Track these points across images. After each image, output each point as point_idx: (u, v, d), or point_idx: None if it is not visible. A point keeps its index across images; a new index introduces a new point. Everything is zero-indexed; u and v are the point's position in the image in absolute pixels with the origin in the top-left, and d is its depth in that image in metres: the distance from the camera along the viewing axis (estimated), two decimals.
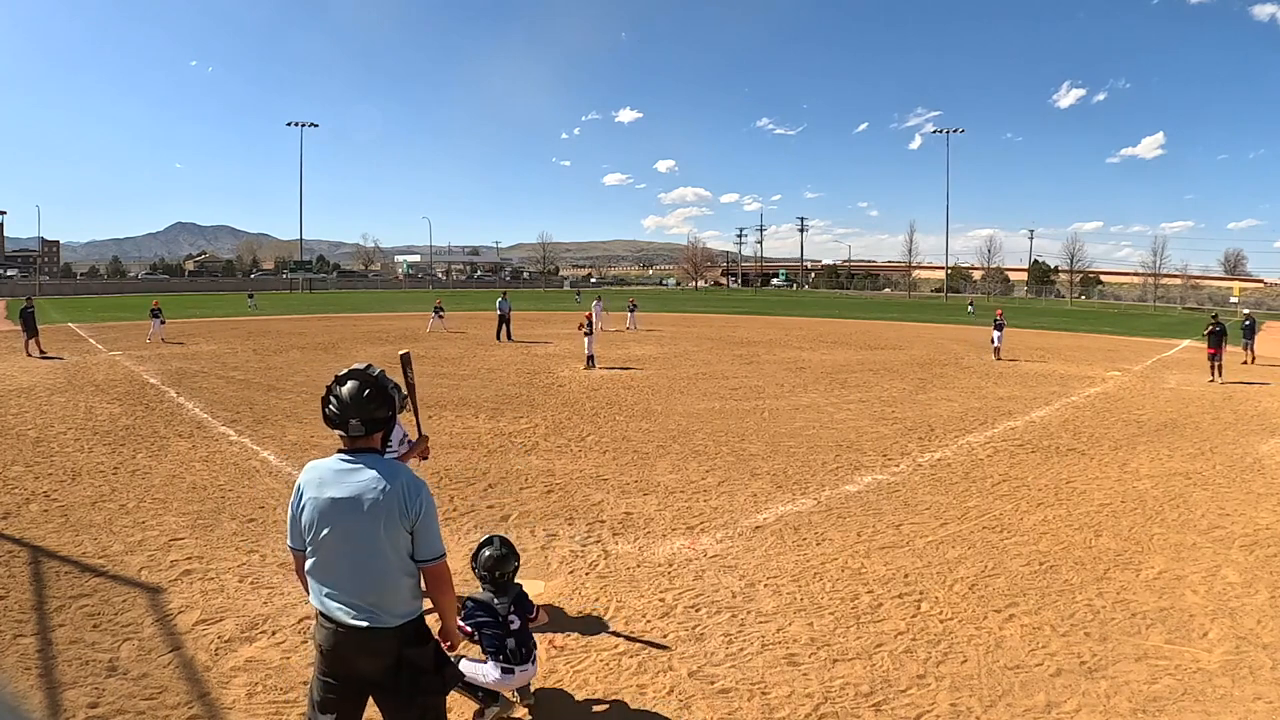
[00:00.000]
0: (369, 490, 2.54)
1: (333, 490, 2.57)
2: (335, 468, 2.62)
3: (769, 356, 21.77)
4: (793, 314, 46.61)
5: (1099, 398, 15.21)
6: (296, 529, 2.66)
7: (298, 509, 2.64)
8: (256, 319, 35.26)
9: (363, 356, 19.98)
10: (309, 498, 2.61)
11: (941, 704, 4.11)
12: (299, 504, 2.65)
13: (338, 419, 2.64)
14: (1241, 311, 31.41)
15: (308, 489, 2.63)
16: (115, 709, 3.93)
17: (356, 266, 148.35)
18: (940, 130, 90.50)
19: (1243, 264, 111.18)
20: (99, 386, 14.49)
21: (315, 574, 2.62)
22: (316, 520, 2.58)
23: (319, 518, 2.57)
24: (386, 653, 2.60)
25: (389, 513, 2.53)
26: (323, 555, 2.59)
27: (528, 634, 4.06)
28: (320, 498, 2.58)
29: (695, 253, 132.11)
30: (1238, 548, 6.61)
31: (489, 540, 4.19)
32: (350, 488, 2.56)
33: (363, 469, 2.59)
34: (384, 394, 2.68)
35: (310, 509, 2.60)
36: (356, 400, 2.62)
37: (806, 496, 7.99)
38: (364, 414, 2.62)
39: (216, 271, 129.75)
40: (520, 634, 4.01)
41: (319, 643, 2.65)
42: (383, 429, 2.70)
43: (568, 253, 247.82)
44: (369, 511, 2.53)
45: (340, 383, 2.68)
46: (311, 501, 2.60)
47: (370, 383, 2.66)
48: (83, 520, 6.82)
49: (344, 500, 2.55)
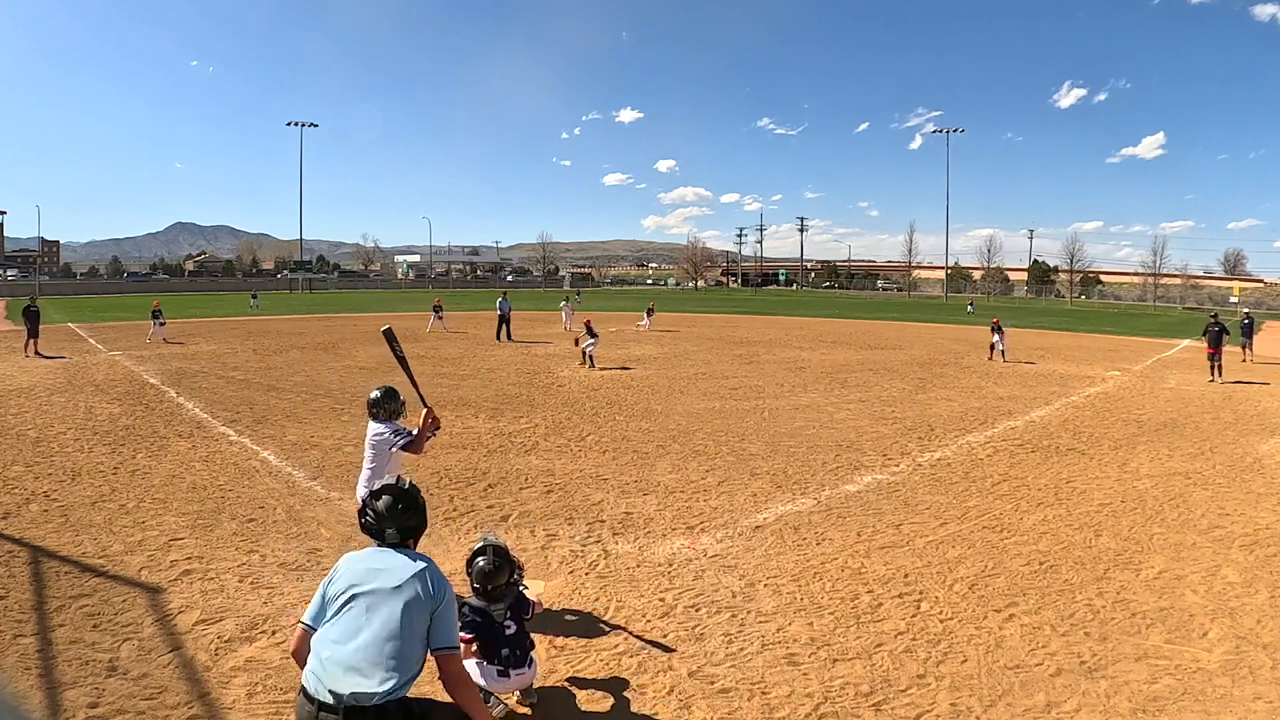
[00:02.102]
0: (402, 568, 2.80)
1: (370, 563, 2.85)
2: (374, 551, 2.93)
3: (769, 356, 21.77)
4: (793, 314, 46.61)
5: (1099, 397, 15.21)
6: (320, 603, 2.80)
7: (330, 581, 2.82)
8: (256, 319, 35.26)
9: (362, 356, 19.98)
10: (345, 569, 2.84)
11: (941, 704, 4.11)
12: (333, 577, 2.83)
13: (375, 529, 2.96)
14: (1241, 311, 31.41)
15: (345, 563, 2.88)
16: (115, 709, 3.93)
17: (356, 266, 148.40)
18: (940, 130, 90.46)
19: (1243, 264, 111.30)
20: (99, 386, 14.49)
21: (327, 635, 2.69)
22: (348, 583, 2.77)
23: (351, 580, 2.77)
24: None
25: (415, 593, 2.73)
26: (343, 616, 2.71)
27: (523, 637, 4.05)
28: (356, 567, 2.83)
29: (695, 253, 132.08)
30: (1238, 548, 6.62)
31: (482, 550, 4.07)
32: (385, 563, 2.84)
33: (398, 554, 2.89)
34: (415, 504, 3.00)
35: (344, 578, 2.80)
36: (391, 512, 2.94)
37: (806, 496, 7.99)
38: (398, 524, 2.94)
39: (216, 271, 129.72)
40: (515, 638, 3.99)
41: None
42: (416, 536, 3.01)
43: (568, 253, 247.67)
44: (398, 587, 2.73)
45: (375, 497, 3.00)
46: (347, 572, 2.82)
47: (402, 495, 2.98)
48: (83, 520, 6.82)
49: (379, 570, 2.80)
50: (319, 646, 2.67)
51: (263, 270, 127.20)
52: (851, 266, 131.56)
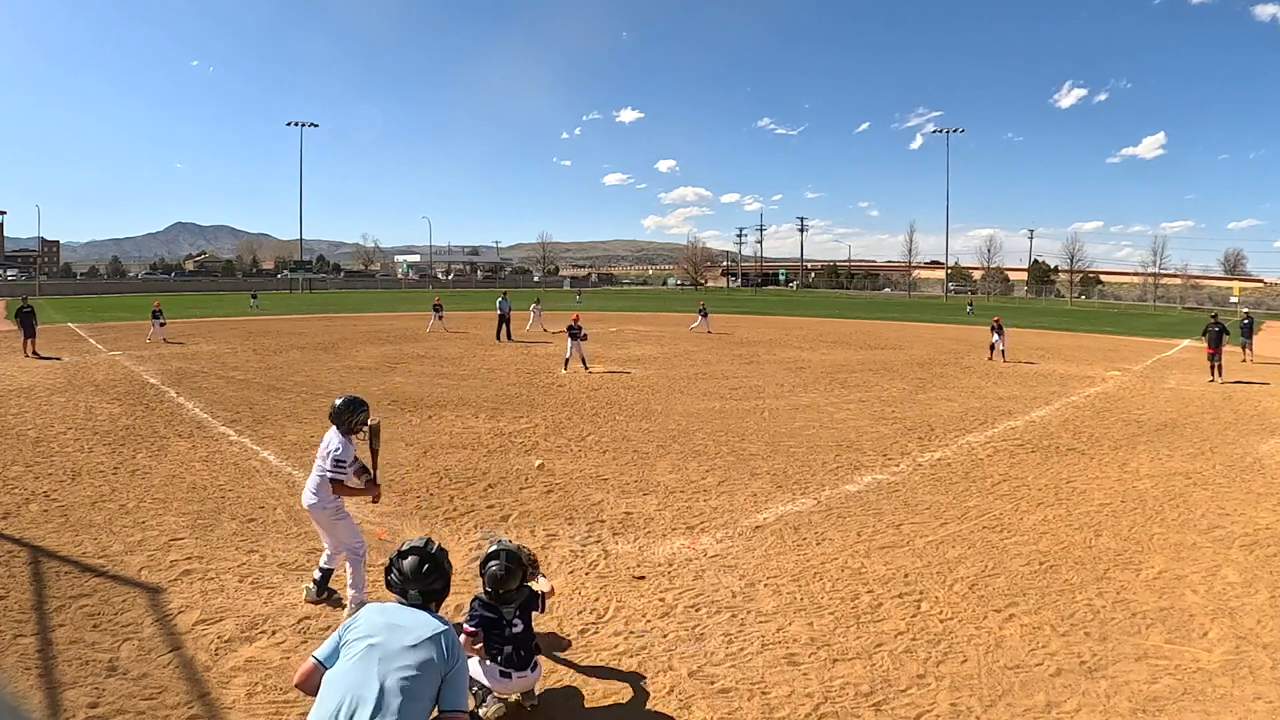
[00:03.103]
0: (423, 624, 2.90)
1: (391, 617, 2.93)
2: (397, 607, 3.01)
3: (769, 356, 21.77)
4: (793, 314, 46.60)
5: (1099, 398, 15.21)
6: (335, 644, 2.88)
7: (349, 627, 2.91)
8: (256, 319, 35.24)
9: (362, 356, 19.98)
10: (366, 619, 2.92)
11: (941, 704, 4.11)
12: (353, 623, 2.92)
13: (399, 588, 3.08)
14: (1241, 311, 31.40)
15: (367, 613, 2.96)
16: (115, 709, 3.93)
17: (357, 266, 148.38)
18: (941, 130, 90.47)
19: (1243, 264, 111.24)
20: (99, 386, 14.48)
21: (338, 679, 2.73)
22: (366, 632, 2.84)
23: (369, 631, 2.85)
24: None
25: (430, 653, 2.79)
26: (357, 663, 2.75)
27: (530, 638, 4.03)
28: (375, 620, 2.90)
29: (695, 253, 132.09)
30: (1238, 548, 6.61)
31: (495, 555, 4.05)
32: (406, 618, 2.93)
33: (419, 613, 3.00)
34: (440, 570, 3.11)
35: (364, 628, 2.87)
36: (416, 575, 3.07)
37: (806, 496, 7.99)
38: (422, 585, 3.07)
39: (216, 271, 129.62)
40: (520, 638, 3.98)
41: None
42: (439, 599, 3.13)
43: (567, 253, 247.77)
44: (418, 640, 2.82)
45: (402, 557, 3.12)
46: (368, 620, 2.90)
47: (428, 559, 3.09)
48: (83, 520, 6.82)
49: (399, 625, 2.88)
50: (329, 690, 2.72)
51: (263, 270, 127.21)
52: (851, 266, 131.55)
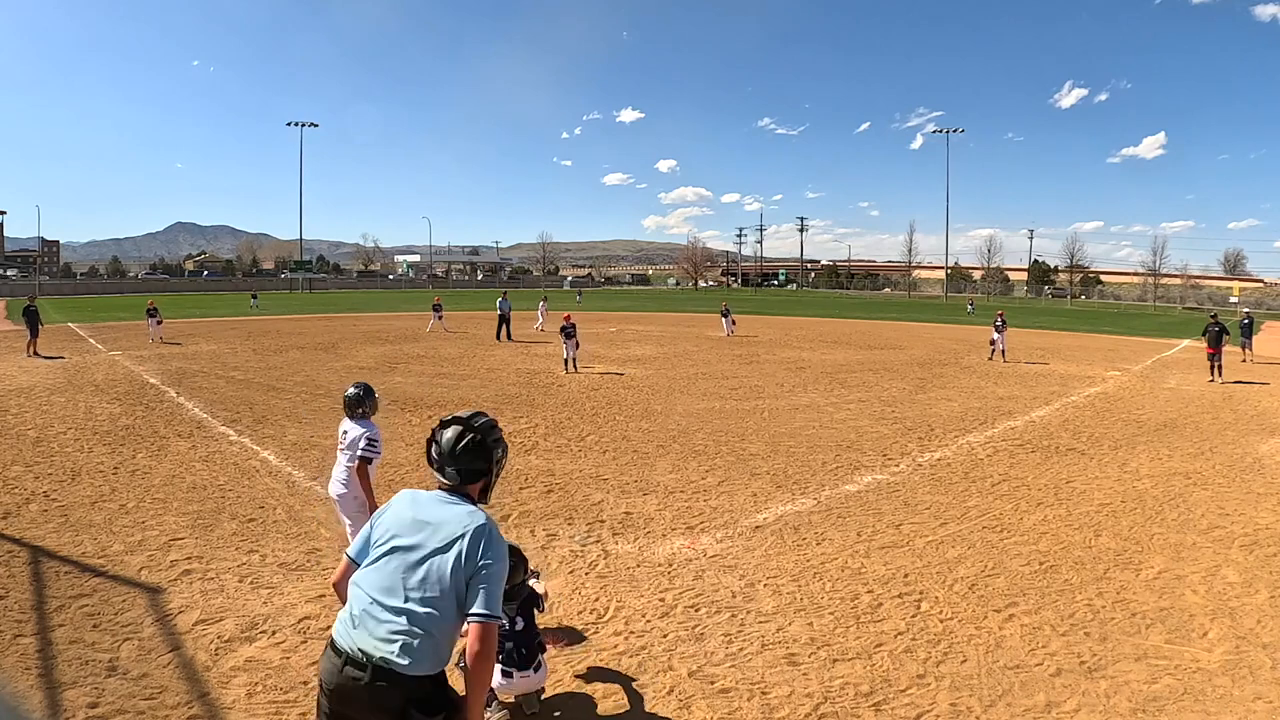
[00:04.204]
0: (454, 520, 2.51)
1: (420, 511, 2.56)
2: (432, 496, 2.62)
3: (769, 356, 21.77)
4: (793, 314, 46.60)
5: (1099, 397, 15.21)
6: (366, 538, 2.61)
7: (380, 517, 2.62)
8: (256, 319, 35.24)
9: (363, 356, 19.98)
10: (394, 511, 2.60)
11: (941, 704, 4.11)
12: (382, 513, 2.63)
13: (436, 464, 2.66)
14: (1241, 311, 31.41)
15: (396, 503, 2.63)
16: (115, 709, 3.93)
17: (358, 266, 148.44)
18: (941, 130, 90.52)
19: (1243, 264, 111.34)
20: (99, 386, 14.48)
21: (361, 585, 2.51)
22: (391, 531, 2.55)
23: (395, 529, 2.54)
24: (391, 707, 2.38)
25: (463, 548, 2.45)
26: (380, 569, 2.50)
27: (532, 638, 3.99)
28: (404, 514, 2.57)
29: (695, 253, 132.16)
30: (1238, 547, 6.61)
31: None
32: (436, 514, 2.54)
33: (457, 504, 2.58)
34: (483, 449, 2.66)
35: (391, 519, 2.58)
36: (452, 451, 2.63)
37: (806, 496, 7.99)
38: (460, 464, 2.63)
39: (216, 271, 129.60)
40: (522, 636, 3.95)
41: (322, 680, 2.49)
42: (479, 480, 2.67)
43: (567, 253, 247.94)
44: (446, 539, 2.47)
45: (444, 427, 2.68)
46: (395, 514, 2.59)
47: (471, 432, 2.66)
48: (83, 520, 6.82)
49: (424, 523, 2.52)
50: (355, 594, 2.50)
51: (263, 270, 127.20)
52: (852, 266, 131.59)
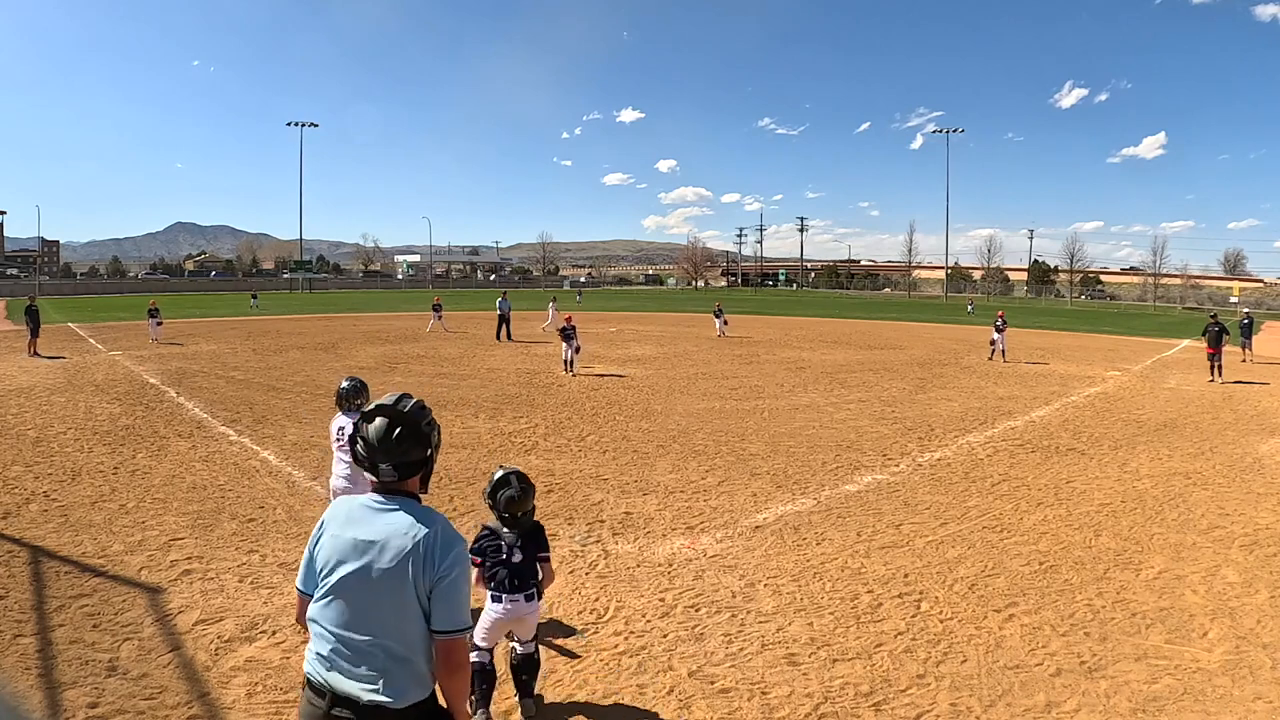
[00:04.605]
0: (398, 534, 2.23)
1: (357, 530, 2.27)
2: (366, 505, 2.32)
3: (769, 356, 21.77)
4: (793, 314, 46.59)
5: (1099, 397, 15.21)
6: (311, 568, 2.35)
7: (316, 546, 2.36)
8: (256, 319, 35.24)
9: (363, 356, 19.97)
10: (330, 534, 2.33)
11: (941, 704, 4.11)
12: (318, 540, 2.36)
13: (367, 461, 2.35)
14: (1241, 311, 31.42)
15: (331, 524, 2.35)
16: (115, 709, 3.93)
17: (358, 267, 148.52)
18: (941, 130, 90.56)
19: (1243, 264, 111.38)
20: (99, 386, 14.48)
21: (320, 622, 2.28)
22: (334, 561, 2.27)
23: (337, 559, 2.27)
24: None
25: (414, 566, 2.21)
26: (333, 603, 2.26)
27: (529, 572, 3.97)
28: (343, 535, 2.29)
29: (695, 253, 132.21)
30: (1238, 548, 6.61)
31: (505, 479, 4.00)
32: (376, 529, 2.26)
33: (396, 511, 2.29)
34: (418, 434, 2.34)
35: (329, 546, 2.30)
36: (385, 441, 2.31)
37: (806, 496, 7.99)
38: (394, 457, 2.31)
39: (224, 272, 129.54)
40: (518, 567, 3.94)
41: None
42: (418, 472, 2.39)
43: (567, 253, 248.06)
44: (392, 560, 2.21)
45: (367, 420, 2.36)
46: (332, 539, 2.31)
47: (401, 420, 2.33)
48: (83, 520, 6.82)
49: (367, 543, 2.24)
50: (317, 631, 2.28)
51: (263, 270, 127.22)
52: (852, 266, 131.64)
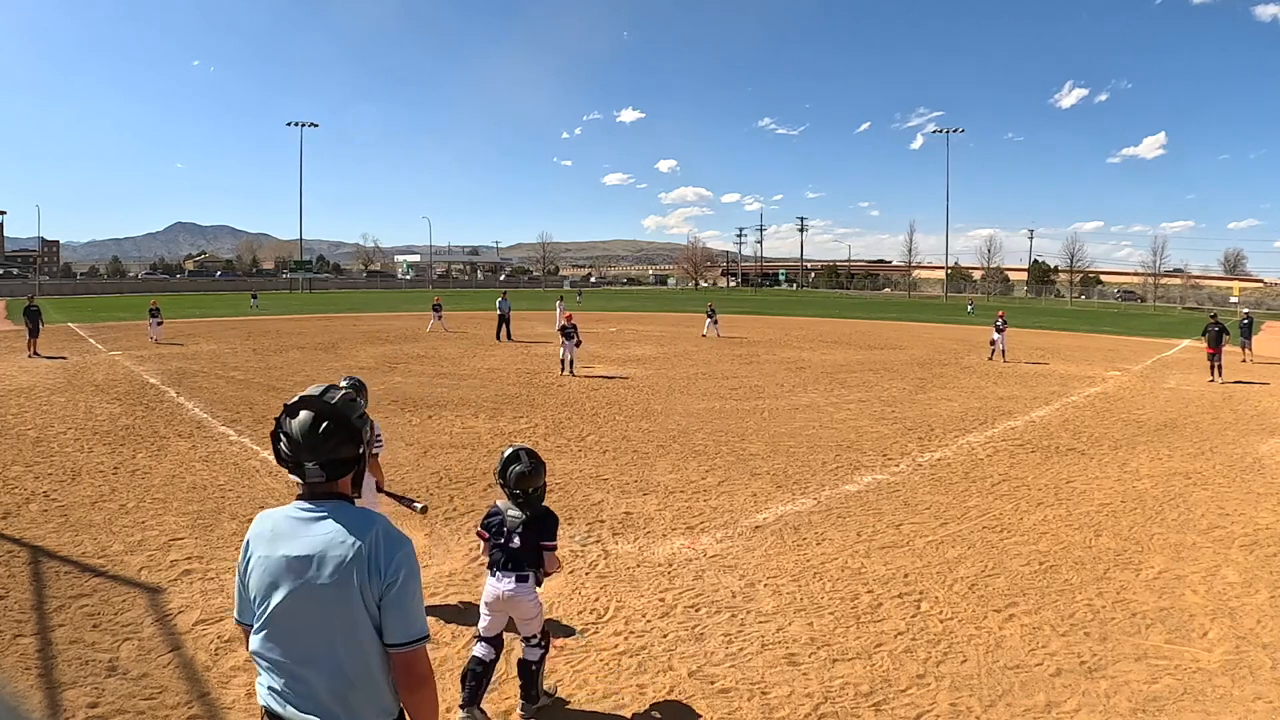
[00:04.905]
0: (333, 546, 1.96)
1: (287, 546, 1.99)
2: (292, 516, 2.03)
3: (769, 356, 21.77)
4: (793, 314, 46.60)
5: (1099, 397, 15.21)
6: (245, 597, 2.07)
7: (245, 571, 2.06)
8: (256, 319, 35.24)
9: (363, 356, 19.98)
10: (258, 555, 2.03)
11: (941, 704, 4.11)
12: (246, 564, 2.06)
13: (290, 461, 2.05)
14: (1240, 311, 31.42)
15: (257, 544, 2.05)
16: (115, 709, 3.93)
17: (359, 266, 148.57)
18: (941, 130, 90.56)
19: (1243, 264, 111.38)
20: (99, 386, 14.48)
21: (263, 657, 2.03)
22: (266, 585, 1.99)
23: (269, 582, 1.99)
24: None
25: (359, 575, 1.95)
26: (274, 632, 2.00)
27: (525, 557, 3.89)
28: (272, 555, 2.00)
29: (695, 253, 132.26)
30: (1238, 547, 6.61)
31: (515, 455, 3.96)
32: (309, 543, 1.98)
33: (326, 519, 2.00)
34: (347, 427, 2.06)
35: (259, 570, 2.01)
36: (310, 438, 2.02)
37: (806, 496, 7.99)
38: (321, 455, 2.02)
39: (230, 272, 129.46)
40: (514, 553, 3.88)
41: None
42: (349, 471, 2.10)
43: (567, 253, 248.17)
44: (334, 574, 1.94)
45: (290, 413, 2.08)
46: (261, 560, 2.02)
47: (328, 414, 2.05)
48: (83, 520, 6.82)
49: (301, 559, 1.96)
50: (262, 665, 2.04)
51: (263, 270, 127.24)
52: (852, 266, 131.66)
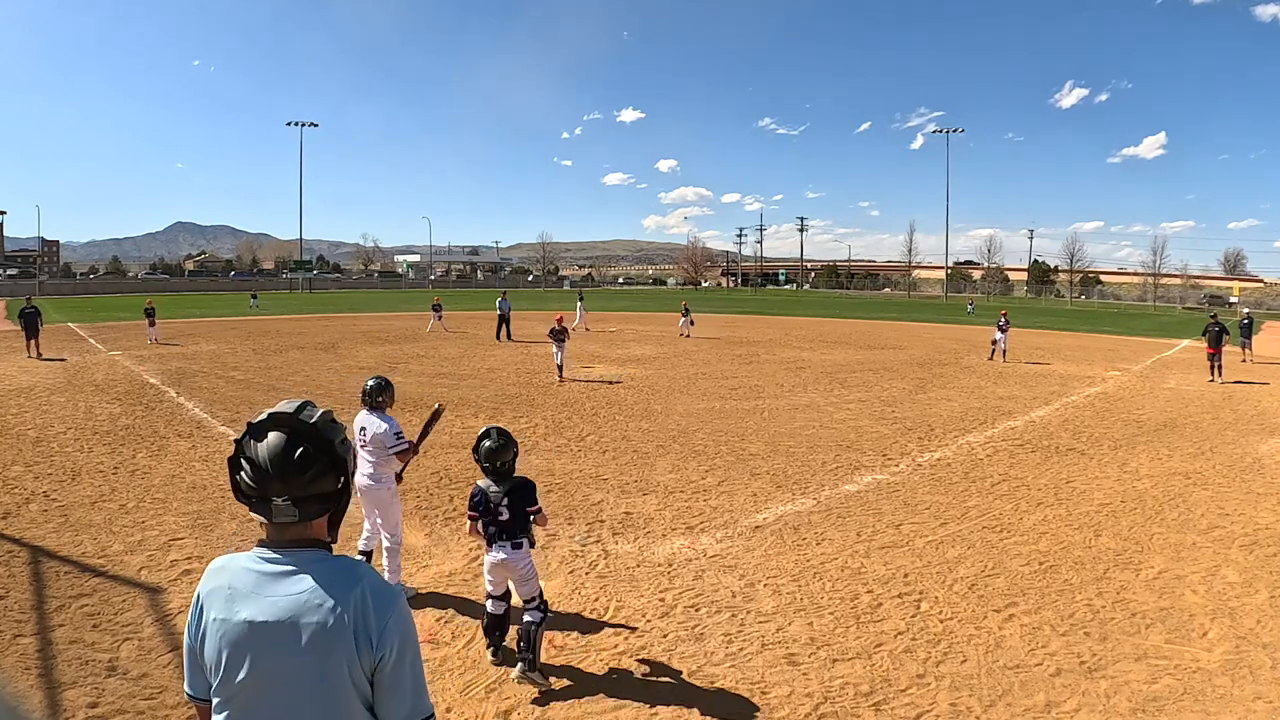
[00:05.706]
0: (308, 610, 1.53)
1: (250, 609, 1.55)
2: (255, 570, 1.58)
3: (769, 356, 21.76)
4: (792, 314, 46.59)
5: (1099, 397, 15.21)
6: (196, 666, 1.63)
7: (197, 637, 1.61)
8: (256, 319, 35.24)
9: (363, 356, 19.97)
10: (213, 619, 1.58)
11: (941, 704, 4.11)
12: (198, 628, 1.61)
13: (254, 495, 1.59)
14: (1241, 311, 31.43)
15: (211, 605, 1.59)
16: (115, 709, 3.93)
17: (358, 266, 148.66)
18: (941, 130, 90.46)
19: (1243, 264, 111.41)
20: (99, 386, 14.49)
21: None
22: (226, 659, 1.55)
23: (230, 653, 1.55)
24: None
25: (343, 644, 1.53)
26: (237, 716, 1.57)
27: (516, 526, 4.27)
28: (231, 620, 1.55)
29: (695, 253, 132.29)
30: (1238, 547, 6.62)
31: (487, 432, 4.36)
32: (278, 605, 1.54)
33: (298, 574, 1.56)
34: (329, 454, 1.63)
35: (216, 638, 1.57)
36: (281, 466, 1.57)
37: (806, 496, 7.99)
38: (294, 489, 1.57)
39: (217, 271, 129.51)
40: (505, 525, 4.25)
41: None
42: (328, 510, 1.66)
43: (567, 253, 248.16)
44: (313, 644, 1.52)
45: (256, 435, 1.60)
46: (217, 625, 1.57)
47: (305, 436, 1.61)
48: (83, 520, 6.82)
49: (268, 626, 1.53)
50: None
51: (263, 270, 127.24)
52: (852, 266, 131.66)
